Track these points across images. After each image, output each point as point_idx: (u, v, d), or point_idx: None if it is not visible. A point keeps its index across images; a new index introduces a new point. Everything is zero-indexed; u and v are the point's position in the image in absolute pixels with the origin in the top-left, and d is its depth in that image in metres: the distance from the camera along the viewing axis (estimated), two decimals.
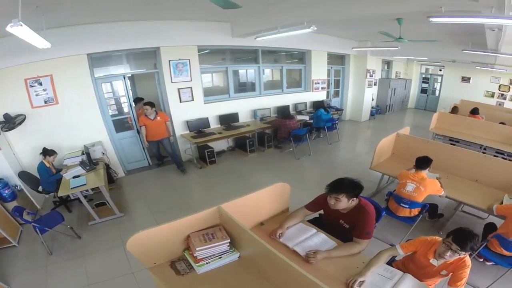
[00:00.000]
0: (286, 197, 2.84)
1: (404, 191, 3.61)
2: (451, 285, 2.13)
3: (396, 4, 3.88)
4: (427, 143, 4.97)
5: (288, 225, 2.51)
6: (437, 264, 2.20)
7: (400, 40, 5.15)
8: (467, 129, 7.16)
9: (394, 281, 2.07)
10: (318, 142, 8.00)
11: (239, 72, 7.20)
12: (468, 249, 2.06)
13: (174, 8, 4.39)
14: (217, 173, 5.77)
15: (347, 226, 2.51)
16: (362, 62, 10.25)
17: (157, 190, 5.10)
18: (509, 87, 12.42)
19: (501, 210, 3.36)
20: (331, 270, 2.12)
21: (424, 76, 14.97)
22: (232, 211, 2.27)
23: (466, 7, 3.41)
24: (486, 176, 4.26)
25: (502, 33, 5.04)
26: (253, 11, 4.67)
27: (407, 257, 2.46)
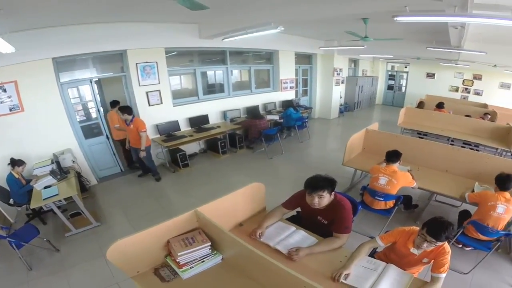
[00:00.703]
0: (261, 196, 2.92)
1: (377, 184, 3.83)
2: (434, 272, 2.24)
3: (362, 4, 4.10)
4: (396, 138, 5.31)
5: (267, 224, 2.59)
6: (418, 253, 2.32)
7: (366, 39, 5.43)
8: (434, 123, 7.75)
9: (378, 272, 2.21)
10: (290, 141, 8.33)
11: (208, 73, 7.34)
12: (443, 239, 2.18)
13: (141, 10, 4.41)
14: (191, 176, 5.86)
15: (325, 222, 2.61)
16: (329, 61, 10.76)
17: (132, 196, 5.11)
18: (473, 82, 13.54)
19: (473, 197, 3.66)
20: (315, 265, 2.22)
21: (390, 73, 15.93)
22: (210, 213, 2.33)
23: (430, 6, 3.64)
24: (456, 166, 4.62)
25: (465, 31, 5.45)
26: (221, 12, 4.78)
27: (388, 248, 2.59)
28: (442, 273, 2.20)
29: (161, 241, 2.21)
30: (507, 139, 6.76)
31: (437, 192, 4.26)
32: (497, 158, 5.04)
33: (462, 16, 3.58)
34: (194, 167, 6.28)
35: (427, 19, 3.82)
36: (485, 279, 3.43)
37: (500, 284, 3.41)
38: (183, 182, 5.64)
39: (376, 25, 5.11)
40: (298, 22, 5.94)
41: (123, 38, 5.15)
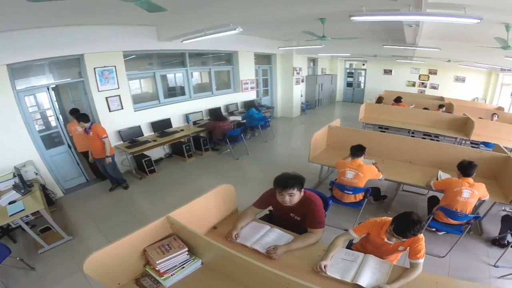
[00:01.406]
0: (232, 198, 3.00)
1: (344, 179, 4.05)
2: (412, 258, 2.36)
3: (319, 5, 4.24)
4: (359, 133, 5.66)
5: (241, 225, 2.66)
6: (392, 242, 2.44)
7: (324, 39, 5.68)
8: (394, 116, 8.36)
9: (358, 262, 2.34)
10: (254, 141, 8.63)
11: (167, 76, 7.44)
12: (410, 236, 2.31)
13: (98, 13, 4.39)
14: (159, 182, 5.91)
15: (298, 219, 2.71)
16: (288, 61, 11.24)
17: (101, 206, 5.05)
18: (428, 77, 14.82)
19: (438, 185, 4.01)
20: (294, 262, 2.33)
21: (349, 71, 16.89)
22: (182, 218, 2.38)
23: (386, 6, 3.85)
24: (418, 157, 5.03)
25: (419, 29, 5.85)
26: (179, 14, 4.88)
27: (363, 239, 2.74)
28: (419, 259, 2.33)
29: (138, 250, 2.24)
30: (464, 129, 7.44)
31: (403, 182, 4.61)
32: (457, 147, 5.54)
33: (416, 14, 3.87)
34: (161, 172, 6.35)
35: (383, 18, 3.97)
36: (462, 260, 3.79)
37: (477, 263, 3.77)
38: (151, 189, 5.68)
39: (334, 24, 5.37)
40: (256, 23, 6.13)
41: (80, 42, 5.11)
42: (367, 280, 2.17)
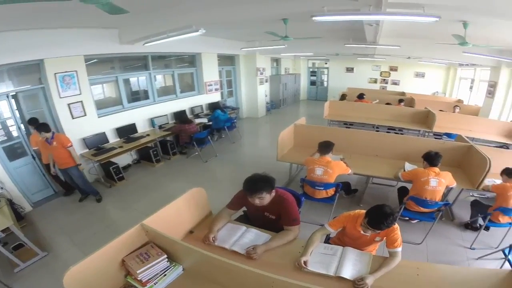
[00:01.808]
0: (204, 201, 3.03)
1: (314, 175, 4.21)
2: (390, 247, 2.48)
3: (281, 5, 4.36)
4: (324, 130, 5.94)
5: (217, 227, 2.69)
6: (368, 234, 2.54)
7: (286, 39, 5.85)
8: (358, 113, 8.78)
9: (338, 256, 2.44)
10: (222, 143, 8.76)
11: (130, 80, 7.38)
12: (384, 228, 2.42)
13: (57, 15, 4.25)
14: (129, 189, 5.85)
15: (273, 217, 2.78)
16: (251, 61, 11.50)
17: (72, 218, 4.93)
18: (389, 73, 15.69)
19: (406, 176, 4.29)
20: (275, 260, 2.40)
21: (312, 70, 17.46)
22: (157, 225, 2.38)
23: (347, 6, 4.01)
24: (384, 150, 5.33)
25: (379, 28, 6.09)
26: (141, 16, 4.82)
27: (340, 232, 2.83)
28: (397, 248, 2.45)
29: (116, 261, 2.23)
30: (427, 121, 7.99)
31: (372, 176, 4.88)
32: (421, 139, 6.00)
33: (376, 14, 4.06)
34: (130, 179, 6.30)
35: (344, 18, 4.11)
36: (439, 245, 4.10)
37: (453, 247, 4.10)
38: (122, 197, 5.61)
39: (296, 24, 5.51)
40: (219, 24, 6.21)
41: (39, 46, 4.98)
42: (350, 272, 2.28)
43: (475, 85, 12.35)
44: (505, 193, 3.93)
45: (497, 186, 4.09)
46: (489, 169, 4.16)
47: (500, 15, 4.12)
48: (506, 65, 8.68)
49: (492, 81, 9.47)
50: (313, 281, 2.17)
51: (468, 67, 12.71)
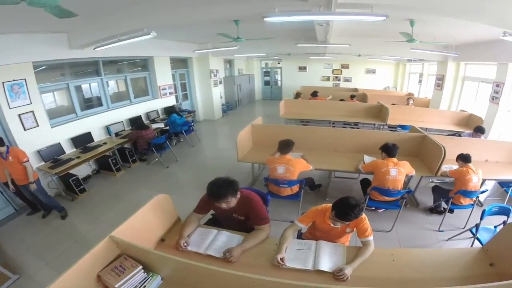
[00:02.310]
0: (171, 207, 3.03)
1: (277, 174, 4.34)
2: (361, 237, 2.63)
3: (233, 7, 4.43)
4: (282, 128, 6.15)
5: (187, 233, 2.70)
6: (339, 226, 2.66)
7: (238, 40, 6.02)
8: (313, 110, 9.18)
9: (313, 250, 2.54)
10: (181, 147, 8.78)
11: (82, 87, 7.18)
12: (352, 219, 2.54)
13: (1, 19, 4.07)
14: (93, 201, 5.70)
15: (242, 218, 2.85)
16: (205, 64, 11.61)
17: (39, 237, 4.70)
18: (341, 71, 16.53)
19: (366, 168, 4.56)
20: (252, 260, 2.46)
21: (265, 70, 17.92)
22: (126, 236, 2.35)
23: (297, 7, 4.13)
24: (342, 144, 5.62)
25: (329, 27, 6.37)
26: (91, 20, 4.81)
27: (311, 227, 2.94)
28: (368, 237, 2.61)
29: (92, 276, 2.20)
30: (380, 115, 8.51)
31: (333, 170, 5.16)
32: (376, 132, 6.45)
33: (326, 14, 4.22)
34: (92, 190, 6.12)
35: (295, 18, 4.21)
36: (408, 231, 4.44)
37: (423, 231, 4.45)
38: (87, 209, 5.44)
39: (248, 25, 5.69)
40: (170, 27, 6.25)
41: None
42: (327, 264, 2.39)
43: (424, 78, 13.31)
44: (463, 177, 4.33)
45: (455, 171, 4.51)
46: (444, 156, 4.56)
47: (449, 14, 4.49)
48: (452, 59, 9.48)
49: (440, 75, 10.32)
50: (293, 277, 2.27)
51: (416, 62, 13.72)
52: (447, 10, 4.15)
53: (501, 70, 7.35)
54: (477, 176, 4.35)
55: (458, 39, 7.72)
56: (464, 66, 9.86)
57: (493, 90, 7.61)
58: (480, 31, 6.34)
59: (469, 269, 2.47)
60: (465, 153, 4.55)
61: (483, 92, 8.66)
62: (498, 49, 6.95)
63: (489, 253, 2.58)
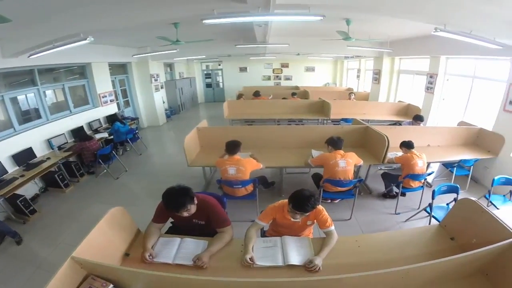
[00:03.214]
0: (128, 220, 2.91)
1: (229, 175, 4.37)
2: (323, 228, 2.74)
3: (172, 9, 4.44)
4: (228, 129, 6.23)
5: (150, 244, 2.63)
6: (299, 220, 2.75)
7: (178, 43, 6.03)
8: (257, 109, 9.38)
9: (279, 246, 2.60)
10: (128, 156, 8.55)
11: (18, 98, 6.72)
12: (310, 209, 2.63)
13: None
14: (46, 222, 5.31)
15: (202, 223, 2.86)
16: (144, 68, 11.40)
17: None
18: (281, 70, 17.16)
19: (315, 161, 4.78)
20: (222, 264, 2.47)
21: (206, 72, 17.97)
22: (89, 255, 2.24)
23: (236, 8, 4.18)
24: (289, 141, 5.80)
25: (268, 28, 6.58)
26: (25, 25, 4.51)
27: (273, 224, 3.01)
28: (330, 227, 2.72)
29: None
30: (323, 110, 8.91)
31: (283, 167, 5.37)
32: (321, 127, 6.83)
33: (265, 15, 4.34)
34: (43, 210, 5.68)
35: (233, 20, 4.36)
36: (367, 217, 4.74)
37: (381, 216, 4.79)
38: (42, 231, 5.06)
39: (187, 28, 5.70)
40: (108, 31, 6.07)
41: None
42: (297, 258, 2.46)
43: (362, 74, 14.13)
44: (408, 163, 4.74)
45: (400, 157, 4.92)
46: (388, 144, 4.95)
47: (384, 13, 4.87)
48: (387, 55, 10.30)
49: (376, 69, 11.16)
50: (266, 275, 2.33)
51: (353, 58, 14.54)
52: (383, 9, 4.53)
53: (433, 62, 8.18)
54: (422, 160, 4.77)
55: (393, 35, 8.33)
56: (399, 60, 10.73)
57: (428, 81, 8.46)
58: (413, 28, 6.91)
59: (432, 245, 2.72)
60: (407, 140, 4.96)
61: (419, 83, 9.46)
62: (430, 43, 7.68)
63: (447, 228, 2.87)
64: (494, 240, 2.23)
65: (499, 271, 2.26)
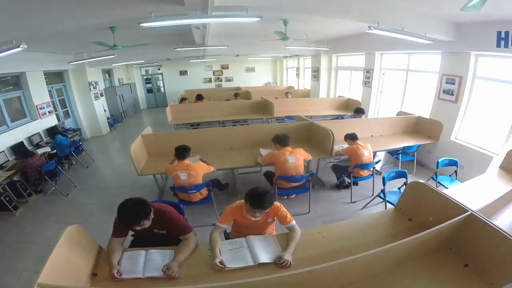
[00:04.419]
0: (87, 237, 2.71)
1: (181, 181, 4.28)
2: (284, 224, 2.79)
3: (108, 13, 4.35)
4: (173, 135, 6.09)
5: (116, 260, 2.50)
6: (260, 218, 2.78)
7: (115, 48, 5.91)
8: (201, 113, 9.38)
9: (245, 246, 2.61)
10: (75, 170, 8.09)
11: None
12: (269, 206, 2.65)
13: None
14: (1, 249, 4.73)
15: (163, 232, 2.79)
16: (82, 76, 10.88)
17: None
18: (222, 72, 17.28)
19: (265, 160, 4.86)
20: (193, 271, 2.44)
21: (146, 77, 17.61)
22: (54, 280, 2.09)
23: (174, 11, 4.22)
24: (236, 142, 5.85)
25: (207, 30, 6.65)
26: None
27: (235, 225, 3.02)
28: (291, 222, 2.77)
29: None
30: (266, 109, 9.11)
31: (234, 167, 5.40)
32: (266, 125, 6.96)
33: (203, 17, 4.41)
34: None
35: (172, 23, 4.26)
36: (325, 208, 4.90)
37: (338, 206, 4.99)
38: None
39: (125, 32, 5.64)
40: (42, 37, 5.78)
41: None
42: (266, 256, 2.49)
43: (301, 72, 14.62)
44: (355, 153, 5.02)
45: (346, 149, 5.20)
46: (333, 138, 5.18)
47: (320, 13, 5.04)
48: (325, 53, 10.76)
49: (315, 67, 11.65)
50: (240, 276, 2.32)
51: (292, 58, 14.97)
52: (318, 10, 4.71)
53: (369, 58, 8.73)
54: (368, 150, 5.08)
55: (329, 34, 8.74)
56: (336, 57, 11.26)
57: (365, 76, 9.01)
58: (349, 26, 7.29)
59: (393, 228, 2.94)
60: (351, 133, 5.27)
61: (356, 78, 10.04)
62: (365, 41, 8.16)
63: (403, 211, 3.12)
64: (450, 216, 2.46)
65: (462, 243, 2.52)
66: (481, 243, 2.38)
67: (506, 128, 5.33)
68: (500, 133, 5.50)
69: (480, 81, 5.76)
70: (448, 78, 6.10)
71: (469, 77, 5.79)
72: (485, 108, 5.88)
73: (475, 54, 5.64)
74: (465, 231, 2.48)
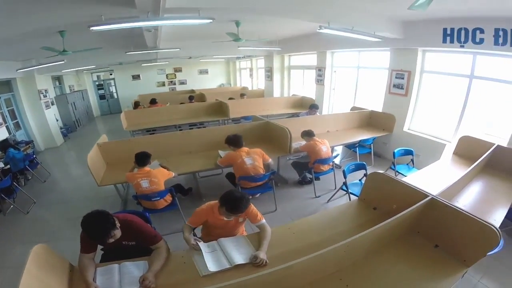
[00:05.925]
0: (55, 257, 2.52)
1: (143, 189, 4.14)
2: (254, 222, 2.85)
3: (56, 17, 4.23)
4: (130, 142, 5.89)
5: (90, 277, 2.38)
6: (232, 218, 2.81)
7: (65, 53, 5.69)
8: (156, 117, 9.28)
9: (218, 249, 2.61)
10: (32, 186, 7.66)
11: None
12: (244, 208, 2.71)
13: None
14: None
15: (133, 243, 2.71)
16: (31, 84, 10.30)
17: None
18: (175, 75, 17.13)
19: (223, 162, 4.86)
20: (172, 280, 2.40)
21: (98, 83, 16.96)
22: None
23: (125, 14, 4.12)
24: (194, 145, 5.80)
25: (159, 33, 6.56)
26: None
27: (205, 227, 3.06)
28: (261, 220, 2.84)
29: None
30: (222, 111, 9.21)
31: (195, 171, 5.33)
32: (222, 127, 6.91)
33: (155, 20, 4.29)
34: None
35: (122, 26, 4.18)
36: (292, 205, 4.98)
37: (303, 202, 5.09)
38: None
39: (74, 36, 5.45)
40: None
41: None
42: (241, 257, 2.51)
43: (254, 72, 14.81)
44: (313, 149, 5.17)
45: (304, 146, 5.34)
46: (290, 135, 5.30)
47: (272, 13, 5.15)
48: (277, 53, 11.00)
49: (268, 67, 11.87)
50: (218, 279, 2.33)
51: (245, 58, 15.12)
52: (269, 10, 4.81)
53: (320, 57, 9.03)
54: (325, 146, 5.25)
55: (281, 34, 8.92)
56: (288, 57, 11.53)
57: (317, 74, 9.31)
58: (300, 26, 7.47)
59: (360, 217, 3.10)
60: (308, 129, 5.41)
61: (309, 77, 10.33)
62: (316, 40, 8.45)
63: (367, 201, 3.29)
64: (412, 202, 2.65)
65: (428, 227, 2.73)
66: (446, 224, 2.59)
67: (456, 117, 5.80)
68: (451, 122, 5.96)
69: (428, 75, 6.24)
70: (397, 73, 6.53)
71: (417, 71, 6.27)
72: (436, 99, 6.36)
73: (422, 50, 6.09)
74: (429, 215, 2.69)
